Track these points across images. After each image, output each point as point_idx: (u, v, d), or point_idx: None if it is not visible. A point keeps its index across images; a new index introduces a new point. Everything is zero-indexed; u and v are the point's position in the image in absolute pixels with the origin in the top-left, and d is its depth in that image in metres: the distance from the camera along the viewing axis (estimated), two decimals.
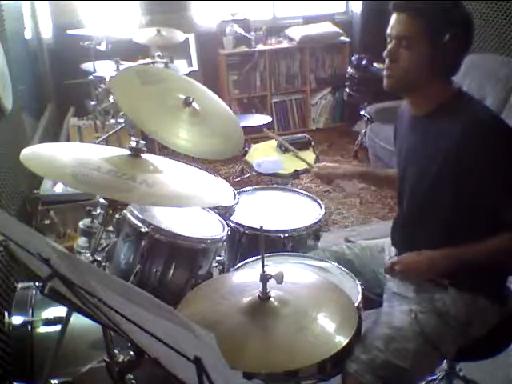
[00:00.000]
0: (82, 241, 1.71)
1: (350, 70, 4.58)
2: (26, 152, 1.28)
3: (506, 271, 1.56)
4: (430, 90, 1.48)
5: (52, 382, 1.40)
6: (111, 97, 3.49)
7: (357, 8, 5.17)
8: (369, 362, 1.34)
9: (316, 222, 1.97)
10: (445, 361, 1.74)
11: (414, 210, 1.59)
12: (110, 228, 1.58)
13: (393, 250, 1.70)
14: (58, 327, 1.41)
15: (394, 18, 1.46)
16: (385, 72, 1.50)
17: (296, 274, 1.43)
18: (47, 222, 2.72)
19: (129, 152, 1.40)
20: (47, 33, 4.40)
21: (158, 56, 3.68)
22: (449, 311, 1.46)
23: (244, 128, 1.94)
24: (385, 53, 1.48)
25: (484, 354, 1.59)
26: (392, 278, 1.61)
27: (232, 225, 1.90)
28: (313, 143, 3.22)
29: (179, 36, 3.93)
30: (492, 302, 1.51)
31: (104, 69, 3.65)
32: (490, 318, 1.53)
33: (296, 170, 2.91)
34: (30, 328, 1.53)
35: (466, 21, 1.44)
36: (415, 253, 1.49)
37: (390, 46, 1.47)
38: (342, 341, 1.15)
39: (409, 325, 1.42)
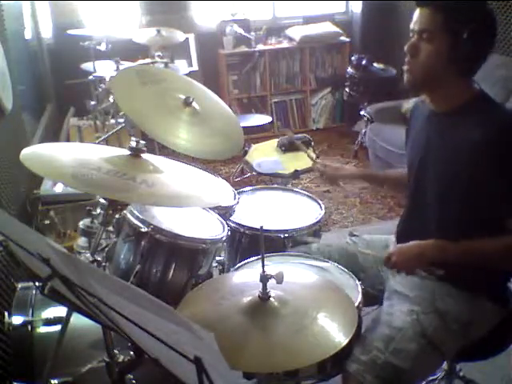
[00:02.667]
0: (82, 241, 1.71)
1: (349, 70, 4.58)
2: (26, 152, 1.28)
3: (507, 272, 1.55)
4: (450, 88, 1.46)
5: (52, 381, 1.40)
6: (111, 97, 3.49)
7: (357, 8, 5.17)
8: (369, 362, 1.33)
9: (316, 222, 1.96)
10: (444, 361, 1.74)
11: (424, 208, 1.57)
12: (110, 228, 1.58)
13: None
14: (58, 327, 1.41)
15: (417, 12, 1.46)
16: (405, 67, 1.49)
17: (296, 274, 1.42)
18: (47, 222, 2.72)
19: (129, 152, 1.40)
20: (47, 33, 4.40)
21: (158, 56, 3.68)
22: (450, 312, 1.45)
23: (244, 128, 1.94)
24: (406, 47, 1.47)
25: (484, 355, 1.59)
26: (392, 276, 1.61)
27: (232, 225, 1.90)
28: (313, 143, 3.22)
29: (179, 36, 3.93)
30: (493, 303, 1.50)
31: (104, 69, 3.65)
32: (491, 319, 1.52)
33: (296, 170, 2.91)
34: (30, 328, 1.53)
35: (488, 20, 1.44)
36: (409, 243, 1.48)
37: (411, 40, 1.46)
38: (342, 341, 1.15)
39: (410, 325, 1.41)
